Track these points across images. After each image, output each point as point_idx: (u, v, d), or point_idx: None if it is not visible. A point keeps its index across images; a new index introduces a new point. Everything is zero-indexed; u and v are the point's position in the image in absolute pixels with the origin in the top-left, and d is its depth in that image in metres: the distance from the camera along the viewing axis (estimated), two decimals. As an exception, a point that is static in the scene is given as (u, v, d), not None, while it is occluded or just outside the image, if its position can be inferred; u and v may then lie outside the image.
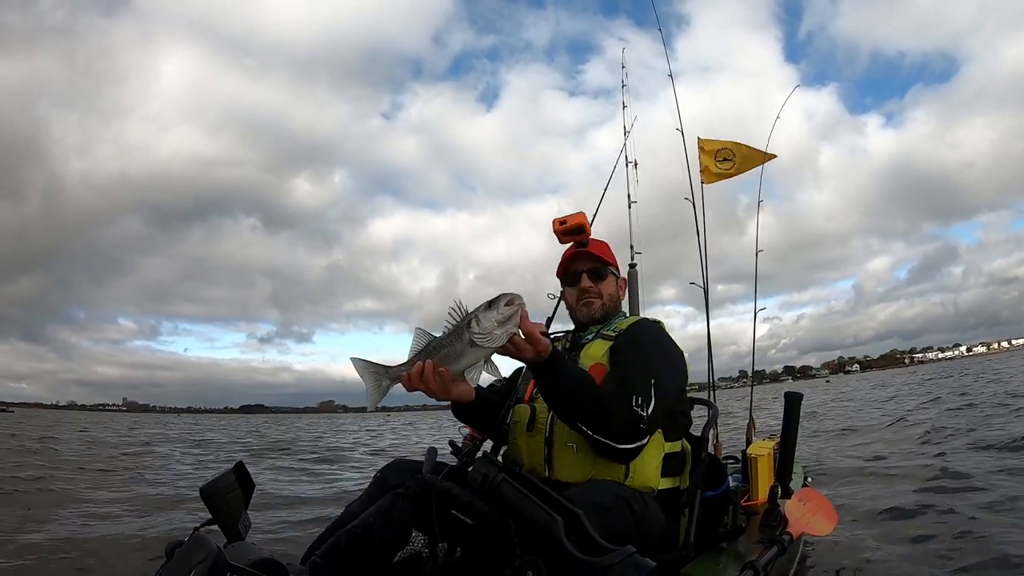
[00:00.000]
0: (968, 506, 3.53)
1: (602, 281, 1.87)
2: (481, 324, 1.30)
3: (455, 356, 1.36)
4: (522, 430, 1.73)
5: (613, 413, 1.49)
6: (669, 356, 1.72)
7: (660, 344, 1.73)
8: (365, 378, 1.42)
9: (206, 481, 1.48)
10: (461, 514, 1.34)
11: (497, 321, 1.30)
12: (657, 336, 1.76)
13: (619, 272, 1.95)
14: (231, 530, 1.47)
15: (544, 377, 1.48)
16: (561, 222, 1.87)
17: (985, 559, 2.67)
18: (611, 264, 1.91)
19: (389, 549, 1.45)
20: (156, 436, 17.45)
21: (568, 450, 1.62)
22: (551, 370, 1.46)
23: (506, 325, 1.31)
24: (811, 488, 2.29)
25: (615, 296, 1.90)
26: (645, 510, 1.50)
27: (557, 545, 1.16)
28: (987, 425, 7.11)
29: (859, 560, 2.89)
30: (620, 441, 1.49)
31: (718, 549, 1.79)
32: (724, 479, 1.97)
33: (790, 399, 2.16)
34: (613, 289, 1.89)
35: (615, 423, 1.49)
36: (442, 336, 1.37)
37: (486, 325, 1.30)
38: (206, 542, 1.22)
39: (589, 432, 1.49)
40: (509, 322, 1.31)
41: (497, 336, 1.31)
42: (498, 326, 1.30)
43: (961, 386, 16.29)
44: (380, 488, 1.58)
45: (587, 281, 1.86)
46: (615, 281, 1.91)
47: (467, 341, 1.33)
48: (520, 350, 1.39)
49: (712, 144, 3.88)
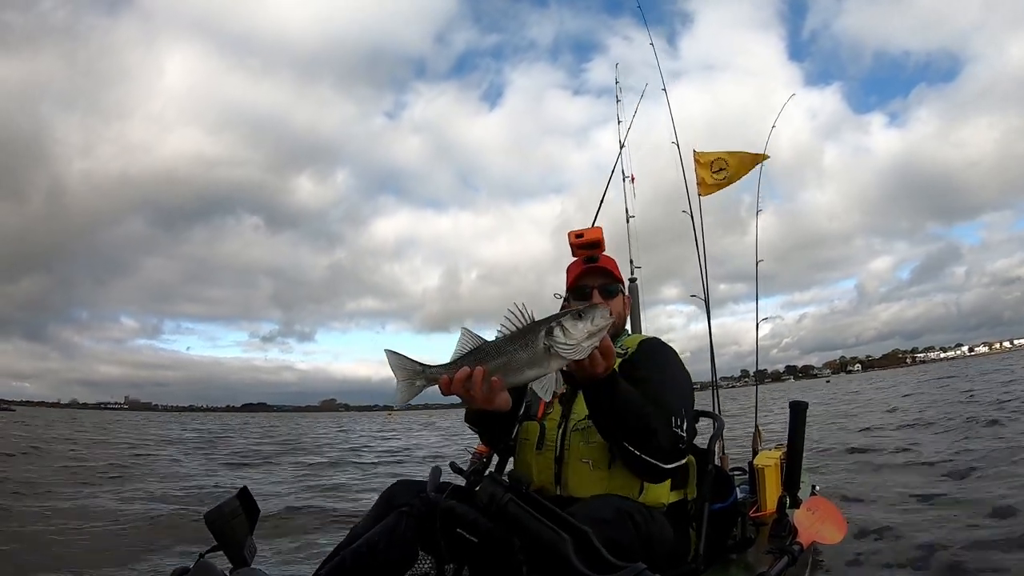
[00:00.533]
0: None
1: (612, 298, 1.83)
2: (569, 333, 1.22)
3: (521, 365, 1.26)
4: (531, 448, 1.71)
5: (659, 433, 1.48)
6: (686, 377, 1.74)
7: (676, 365, 1.75)
8: (398, 374, 1.32)
9: (211, 507, 1.47)
10: (466, 532, 1.33)
11: (588, 332, 1.23)
12: (670, 356, 1.78)
13: (626, 289, 1.95)
14: (237, 556, 1.46)
15: (604, 393, 1.43)
16: (578, 235, 1.88)
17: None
18: (620, 282, 1.90)
19: (394, 569, 1.44)
20: (179, 438, 16.23)
21: (583, 467, 1.61)
22: (612, 386, 1.42)
23: (595, 338, 1.24)
24: (820, 497, 2.27)
25: (623, 314, 1.89)
26: (650, 523, 1.49)
27: (566, 563, 1.15)
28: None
29: (870, 567, 2.87)
30: (664, 460, 1.50)
31: (728, 561, 1.78)
32: (732, 491, 1.96)
33: (795, 408, 2.16)
34: (621, 307, 1.87)
35: (660, 442, 1.48)
36: (500, 341, 1.28)
37: (576, 335, 1.23)
38: (212, 569, 1.21)
39: (634, 450, 1.48)
40: (598, 335, 1.24)
41: (584, 348, 1.24)
42: (587, 337, 1.23)
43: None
44: (386, 508, 1.57)
45: (599, 298, 1.82)
46: (623, 299, 1.90)
47: (542, 349, 1.24)
48: (595, 364, 1.33)
49: (707, 156, 3.91)
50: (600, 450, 1.60)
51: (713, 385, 3.51)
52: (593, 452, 1.59)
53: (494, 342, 1.29)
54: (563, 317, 1.24)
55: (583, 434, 1.62)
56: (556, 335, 1.23)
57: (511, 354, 1.26)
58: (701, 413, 1.95)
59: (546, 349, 1.24)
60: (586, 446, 1.61)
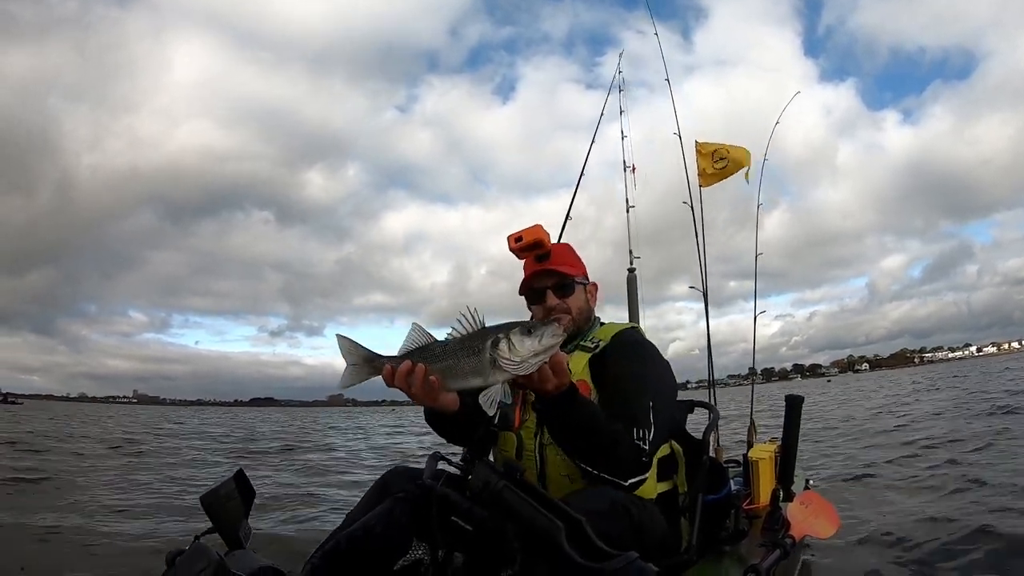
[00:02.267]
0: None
1: (569, 295, 1.74)
2: (515, 349, 1.18)
3: (465, 372, 1.23)
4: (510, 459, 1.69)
5: (619, 449, 1.44)
6: (659, 371, 1.67)
7: (649, 359, 1.67)
8: (347, 359, 1.31)
9: (207, 489, 1.48)
10: (461, 520, 1.33)
11: (534, 351, 1.18)
12: (643, 350, 1.70)
13: (587, 279, 1.83)
14: (232, 538, 1.47)
15: (560, 411, 1.38)
16: (516, 239, 1.73)
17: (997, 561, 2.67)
18: (576, 275, 1.77)
19: (389, 554, 1.44)
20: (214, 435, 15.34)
21: (563, 480, 1.59)
22: (568, 404, 1.37)
23: (542, 356, 1.19)
24: (813, 491, 2.29)
25: (585, 308, 1.78)
26: (643, 514, 1.49)
27: (559, 551, 1.16)
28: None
29: (861, 562, 2.89)
30: (625, 477, 1.46)
31: (721, 553, 1.79)
32: (726, 483, 1.97)
33: (791, 402, 2.16)
34: (582, 301, 1.78)
35: (619, 459, 1.45)
36: (448, 343, 1.26)
37: (522, 352, 1.18)
38: (207, 551, 1.22)
39: (592, 470, 1.45)
40: (545, 353, 1.19)
41: (530, 364, 1.19)
42: (533, 355, 1.19)
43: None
44: (380, 494, 1.57)
45: (553, 298, 1.74)
46: (584, 290, 1.79)
47: (487, 360, 1.20)
48: (544, 381, 1.28)
49: (708, 146, 3.90)
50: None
51: (710, 376, 3.52)
52: (571, 467, 1.55)
53: (442, 343, 1.25)
54: (512, 330, 1.20)
55: (557, 447, 1.55)
56: (501, 348, 1.19)
57: (456, 359, 1.23)
58: (697, 403, 1.95)
59: (491, 361, 1.20)
60: (563, 461, 1.57)
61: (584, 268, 1.84)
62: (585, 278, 1.82)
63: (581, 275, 1.79)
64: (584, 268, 1.84)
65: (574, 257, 1.84)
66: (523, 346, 1.18)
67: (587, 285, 1.82)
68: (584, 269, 1.84)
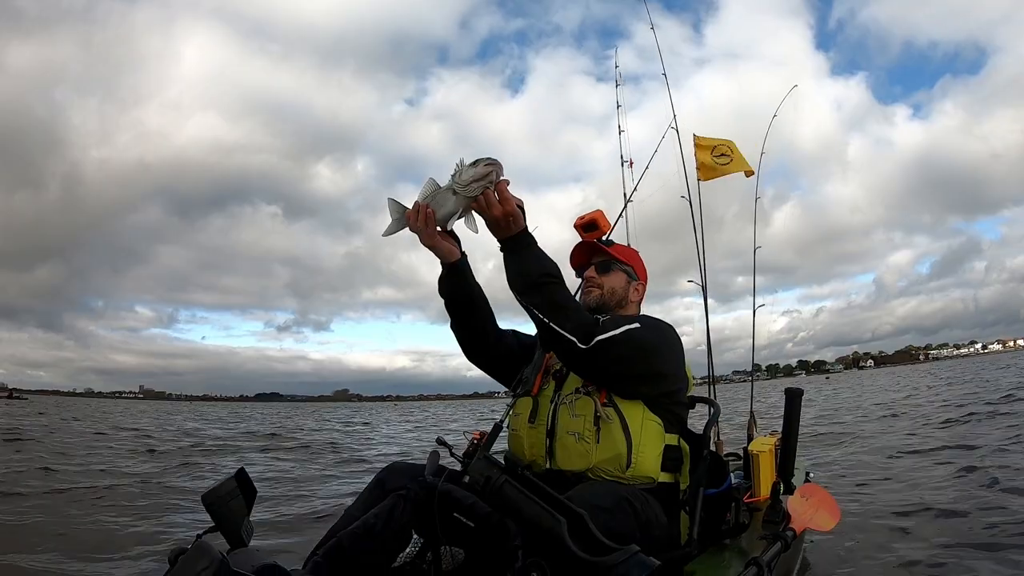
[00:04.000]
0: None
1: (607, 274, 1.88)
2: (461, 176, 1.49)
3: (441, 202, 1.55)
4: (523, 422, 1.74)
5: (573, 307, 1.58)
6: (662, 330, 1.74)
7: (657, 322, 1.77)
8: (392, 214, 1.62)
9: (208, 488, 1.48)
10: (463, 517, 1.34)
11: (474, 176, 1.47)
12: (657, 321, 1.78)
13: (637, 275, 1.94)
14: (234, 536, 1.47)
15: (512, 250, 1.57)
16: (580, 217, 1.92)
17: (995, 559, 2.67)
18: (623, 261, 1.91)
19: (391, 551, 1.45)
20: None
21: (570, 439, 1.64)
22: (520, 241, 1.56)
23: (482, 181, 1.47)
24: (813, 484, 2.29)
25: (618, 292, 1.88)
26: (647, 508, 1.49)
27: (561, 546, 1.16)
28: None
29: (862, 554, 2.90)
30: (575, 335, 1.54)
31: (721, 546, 1.79)
32: (726, 476, 1.97)
33: (791, 395, 2.16)
34: (619, 284, 1.88)
35: (572, 316, 1.55)
36: (444, 186, 1.55)
37: (464, 177, 1.48)
38: (209, 549, 1.22)
39: (545, 319, 1.55)
40: (485, 179, 1.47)
41: (473, 188, 1.48)
42: (475, 180, 1.47)
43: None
44: (379, 490, 1.57)
45: (592, 271, 1.89)
46: (626, 278, 1.90)
47: (450, 188, 1.52)
48: (490, 206, 1.50)
49: (708, 141, 3.90)
50: (585, 423, 1.63)
51: (710, 370, 3.53)
52: (578, 424, 1.62)
53: (441, 187, 1.55)
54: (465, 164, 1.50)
55: (569, 407, 1.66)
56: (454, 176, 1.51)
57: (440, 193, 1.55)
58: (698, 399, 1.96)
59: (451, 190, 1.52)
60: (572, 419, 1.64)
61: (636, 263, 1.96)
62: (636, 272, 1.93)
63: (626, 263, 1.91)
64: (636, 263, 1.96)
65: (630, 253, 1.98)
66: (467, 173, 1.48)
67: (634, 281, 1.92)
68: (636, 263, 1.95)
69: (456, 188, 1.51)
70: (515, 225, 1.54)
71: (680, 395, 1.78)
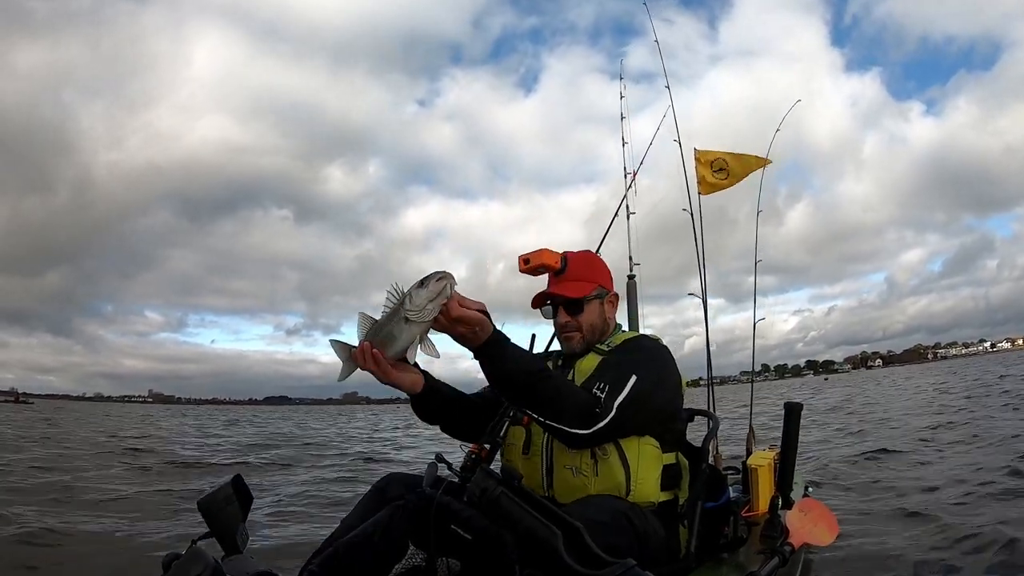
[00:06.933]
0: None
1: (580, 313, 1.77)
2: (413, 301, 1.33)
3: (393, 336, 1.39)
4: (518, 452, 1.72)
5: (565, 395, 1.47)
6: (658, 365, 1.67)
7: (651, 354, 1.70)
8: (339, 356, 1.50)
9: (204, 494, 1.47)
10: (460, 529, 1.33)
11: (428, 297, 1.32)
12: (652, 350, 1.72)
13: (608, 288, 1.84)
14: (229, 543, 1.46)
15: (485, 358, 1.43)
16: (525, 261, 1.78)
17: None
18: (587, 295, 1.77)
19: (387, 562, 1.44)
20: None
21: (567, 473, 1.61)
22: (491, 349, 1.42)
23: (435, 301, 1.32)
24: (812, 498, 2.28)
25: (597, 324, 1.79)
26: (645, 524, 1.48)
27: (557, 559, 1.16)
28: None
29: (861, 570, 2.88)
30: (573, 426, 1.46)
31: (719, 560, 1.78)
32: (725, 490, 1.97)
33: (789, 409, 2.16)
34: (595, 316, 1.78)
35: (567, 405, 1.46)
36: (381, 318, 1.41)
37: (417, 302, 1.33)
38: (203, 555, 1.21)
39: (540, 418, 1.47)
40: (440, 296, 1.32)
41: (429, 311, 1.33)
42: (428, 302, 1.32)
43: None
44: (377, 501, 1.57)
45: (564, 316, 1.77)
46: (599, 304, 1.80)
47: (402, 319, 1.36)
48: (452, 323, 1.37)
49: (708, 155, 3.92)
50: (582, 457, 1.59)
51: (709, 385, 3.53)
52: (575, 459, 1.59)
53: (379, 320, 1.42)
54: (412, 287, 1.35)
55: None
56: (406, 304, 1.34)
57: (387, 327, 1.40)
58: (696, 412, 1.95)
59: (404, 319, 1.36)
60: (568, 453, 1.59)
61: (603, 277, 1.85)
62: (604, 287, 1.82)
63: (593, 291, 1.79)
64: (603, 277, 1.85)
65: (590, 271, 1.84)
66: (419, 296, 1.32)
67: (605, 297, 1.82)
68: (602, 278, 1.85)
69: (409, 315, 1.34)
70: (483, 332, 1.39)
71: (678, 412, 1.77)
